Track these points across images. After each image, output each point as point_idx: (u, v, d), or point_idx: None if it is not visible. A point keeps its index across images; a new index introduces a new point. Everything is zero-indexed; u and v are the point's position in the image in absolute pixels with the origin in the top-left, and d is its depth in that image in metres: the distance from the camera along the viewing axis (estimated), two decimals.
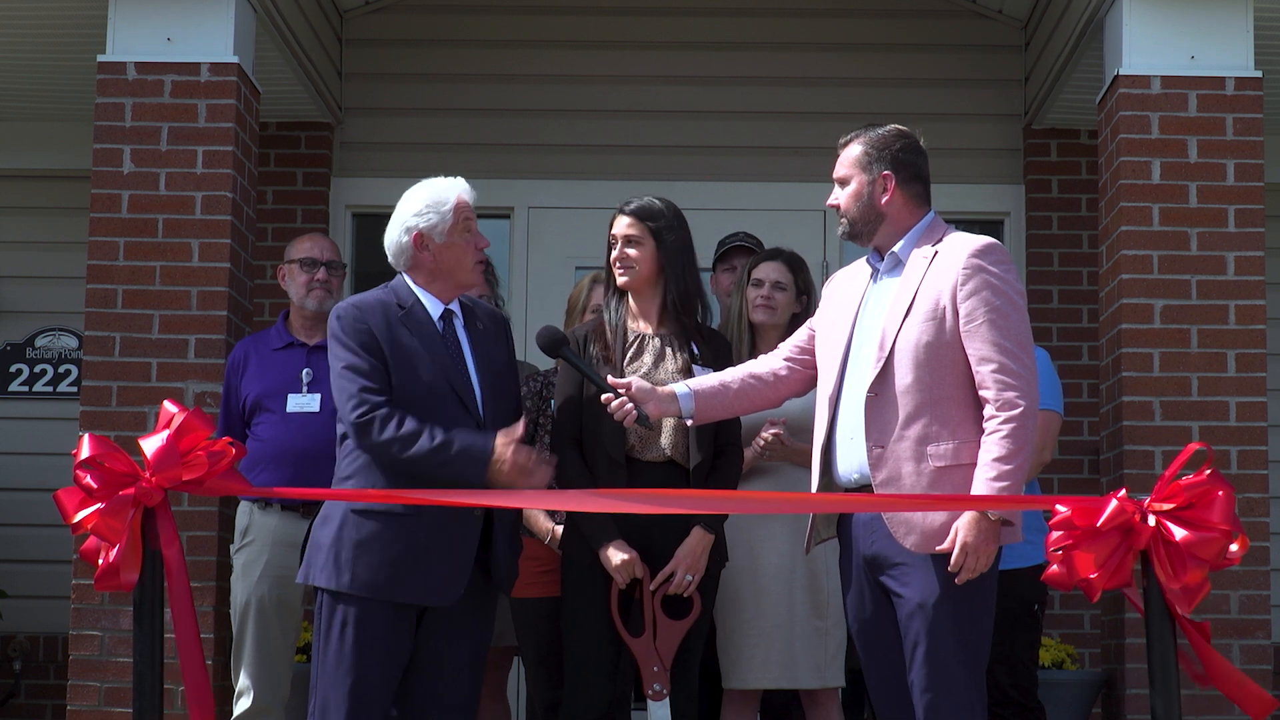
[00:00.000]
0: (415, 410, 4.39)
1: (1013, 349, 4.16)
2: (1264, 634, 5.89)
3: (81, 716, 5.85)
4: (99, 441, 4.15)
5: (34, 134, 7.75)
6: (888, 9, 7.72)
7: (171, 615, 4.18)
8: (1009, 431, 4.11)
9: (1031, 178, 7.62)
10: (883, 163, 4.36)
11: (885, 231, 4.37)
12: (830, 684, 5.27)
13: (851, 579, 4.36)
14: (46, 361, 7.82)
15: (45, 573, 7.36)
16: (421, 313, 4.54)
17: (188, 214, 6.03)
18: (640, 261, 4.95)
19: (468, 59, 7.70)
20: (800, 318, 5.46)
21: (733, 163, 7.62)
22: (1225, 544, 4.01)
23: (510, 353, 4.72)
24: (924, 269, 4.28)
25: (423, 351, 4.47)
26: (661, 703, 4.76)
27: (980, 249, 4.25)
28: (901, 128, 4.45)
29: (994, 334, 4.17)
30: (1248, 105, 6.08)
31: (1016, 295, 4.24)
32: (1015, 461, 4.09)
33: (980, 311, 4.19)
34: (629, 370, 4.89)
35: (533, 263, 7.62)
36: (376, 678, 4.34)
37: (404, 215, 4.58)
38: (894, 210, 4.36)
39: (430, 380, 4.44)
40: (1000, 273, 4.22)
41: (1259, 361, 6.02)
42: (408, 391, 4.42)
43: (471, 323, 4.63)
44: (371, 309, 4.51)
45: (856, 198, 4.38)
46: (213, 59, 6.09)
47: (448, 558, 4.39)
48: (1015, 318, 4.20)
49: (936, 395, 4.18)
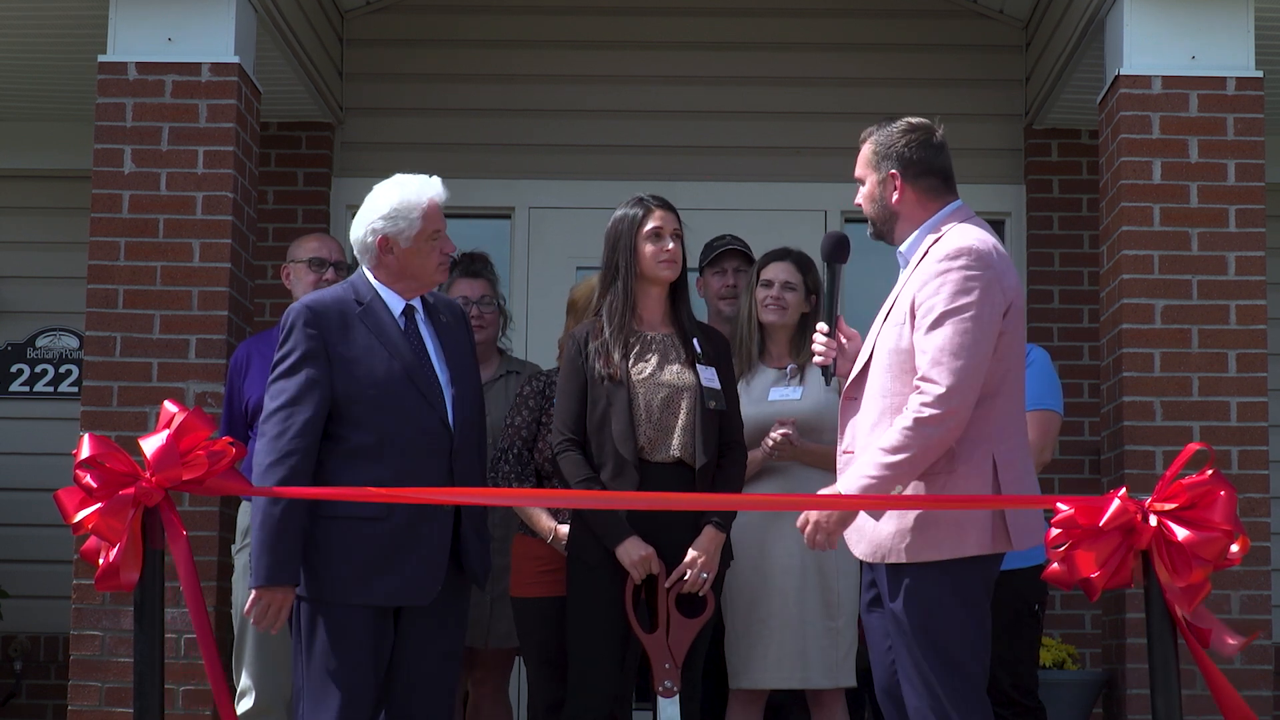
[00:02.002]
0: (373, 408, 4.37)
1: (948, 354, 4.04)
2: (1264, 634, 5.89)
3: (82, 716, 5.85)
4: (99, 441, 4.15)
5: (34, 134, 7.75)
6: (888, 9, 7.72)
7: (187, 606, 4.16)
8: (907, 429, 4.04)
9: (1032, 178, 7.62)
10: (889, 161, 4.29)
11: (902, 229, 4.32)
12: (841, 684, 5.28)
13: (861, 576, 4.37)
14: (47, 361, 7.82)
15: (45, 573, 7.36)
16: (381, 309, 4.50)
17: (188, 214, 6.03)
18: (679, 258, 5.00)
19: (468, 59, 7.70)
20: (810, 317, 5.47)
21: (733, 163, 7.62)
22: (1226, 544, 4.00)
23: (471, 344, 4.69)
24: (910, 271, 4.25)
25: (380, 348, 4.43)
26: (671, 699, 4.76)
27: (949, 253, 4.13)
28: (913, 120, 4.35)
29: (936, 338, 4.07)
30: (1248, 105, 6.08)
31: (974, 302, 4.07)
32: (898, 457, 4.03)
33: (930, 317, 4.09)
34: (634, 370, 4.89)
35: (533, 263, 7.62)
36: (361, 682, 4.32)
37: (370, 216, 4.52)
38: (907, 208, 4.30)
39: (388, 377, 4.40)
40: (961, 278, 4.09)
41: (1260, 361, 6.01)
42: (359, 394, 4.38)
43: (434, 316, 4.60)
44: (328, 308, 4.47)
45: (870, 199, 4.34)
46: (213, 59, 6.09)
47: (421, 557, 4.37)
48: (960, 324, 4.05)
49: (895, 403, 4.14)
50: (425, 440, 4.40)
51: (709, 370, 4.91)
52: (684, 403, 4.86)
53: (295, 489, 4.30)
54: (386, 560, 4.34)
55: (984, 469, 4.13)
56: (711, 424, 4.85)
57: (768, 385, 5.39)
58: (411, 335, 4.51)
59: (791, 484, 5.29)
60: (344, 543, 4.33)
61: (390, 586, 4.34)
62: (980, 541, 4.11)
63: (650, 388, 4.88)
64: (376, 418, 4.38)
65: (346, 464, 4.38)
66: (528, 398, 5.42)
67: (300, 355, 4.39)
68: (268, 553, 4.28)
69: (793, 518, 5.22)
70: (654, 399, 4.87)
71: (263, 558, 4.29)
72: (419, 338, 4.53)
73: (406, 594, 4.37)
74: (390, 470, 4.34)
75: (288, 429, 4.33)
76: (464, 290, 5.84)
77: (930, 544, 4.11)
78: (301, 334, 4.41)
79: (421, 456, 4.39)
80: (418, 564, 4.37)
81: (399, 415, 4.38)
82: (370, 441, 4.37)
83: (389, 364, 4.42)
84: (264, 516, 4.29)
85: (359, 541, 4.33)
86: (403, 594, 4.37)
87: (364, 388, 4.39)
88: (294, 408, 4.35)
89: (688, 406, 4.86)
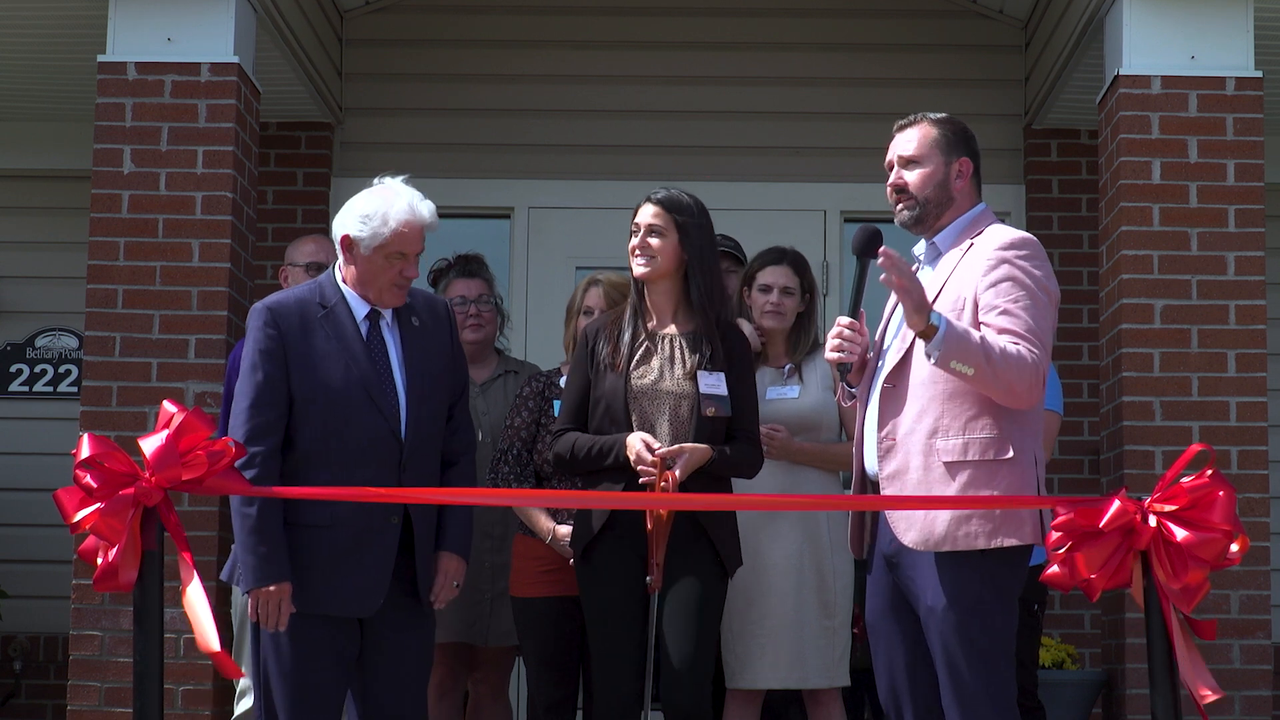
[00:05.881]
0: (323, 412, 4.37)
1: (1029, 334, 4.06)
2: (1264, 634, 5.89)
3: (82, 716, 5.85)
4: (99, 441, 4.15)
5: (34, 134, 7.75)
6: (888, 9, 7.72)
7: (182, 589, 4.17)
8: (1021, 354, 4.02)
9: (1032, 178, 7.62)
10: (961, 147, 4.31)
11: (947, 217, 4.31)
12: (837, 683, 5.28)
13: (873, 570, 4.32)
14: (47, 361, 7.82)
15: (45, 573, 7.36)
16: (344, 313, 4.47)
17: (188, 214, 6.03)
18: (660, 252, 4.91)
19: (468, 59, 7.70)
20: (805, 316, 5.47)
21: (733, 163, 7.62)
22: (1226, 545, 4.00)
23: (450, 344, 4.62)
24: (956, 261, 4.23)
25: (337, 354, 4.41)
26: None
27: (1009, 243, 4.18)
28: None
29: (1009, 321, 4.08)
30: (1248, 105, 6.08)
31: (1042, 291, 4.14)
32: (1006, 360, 3.99)
33: (1001, 301, 4.11)
34: (635, 375, 4.88)
35: (533, 263, 7.62)
36: (318, 686, 4.34)
37: (348, 211, 4.49)
38: (961, 197, 4.31)
39: (342, 384, 4.39)
40: (1028, 266, 4.14)
41: (1259, 361, 6.01)
42: (314, 396, 4.38)
43: (405, 321, 4.54)
44: (289, 309, 4.46)
45: (931, 181, 4.29)
46: (213, 59, 6.09)
47: (363, 569, 4.37)
48: (1035, 310, 4.10)
49: (949, 389, 4.13)
50: (372, 449, 4.40)
51: (713, 376, 4.86)
52: (680, 411, 4.85)
53: (297, 489, 4.32)
54: (331, 569, 4.35)
55: (1030, 462, 4.16)
56: (706, 431, 4.83)
57: (765, 385, 5.39)
58: (373, 342, 4.48)
59: (787, 483, 5.29)
60: (292, 549, 4.35)
61: (330, 596, 4.35)
62: (1035, 531, 4.13)
63: (649, 395, 4.87)
64: (325, 422, 4.38)
65: (298, 465, 4.40)
66: (527, 399, 5.42)
67: (257, 354, 4.41)
68: (250, 554, 4.31)
69: (788, 518, 5.24)
70: (649, 406, 4.86)
71: (247, 559, 4.32)
72: (381, 344, 4.49)
73: (347, 605, 4.38)
74: (334, 476, 4.35)
75: (253, 431, 4.35)
76: (461, 290, 5.84)
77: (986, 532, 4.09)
78: (261, 334, 4.42)
79: (367, 465, 4.38)
80: (360, 576, 4.37)
81: (346, 422, 4.38)
82: (317, 445, 4.39)
83: (345, 370, 4.40)
84: (240, 518, 4.33)
85: (303, 548, 4.36)
86: (344, 604, 4.37)
87: (317, 391, 4.39)
88: (256, 408, 4.37)
89: (684, 415, 4.85)
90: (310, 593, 4.34)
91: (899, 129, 4.38)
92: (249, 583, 4.31)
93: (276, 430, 4.37)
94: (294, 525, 4.36)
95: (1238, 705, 5.83)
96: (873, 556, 4.36)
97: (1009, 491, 4.11)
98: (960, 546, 4.09)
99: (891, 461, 4.19)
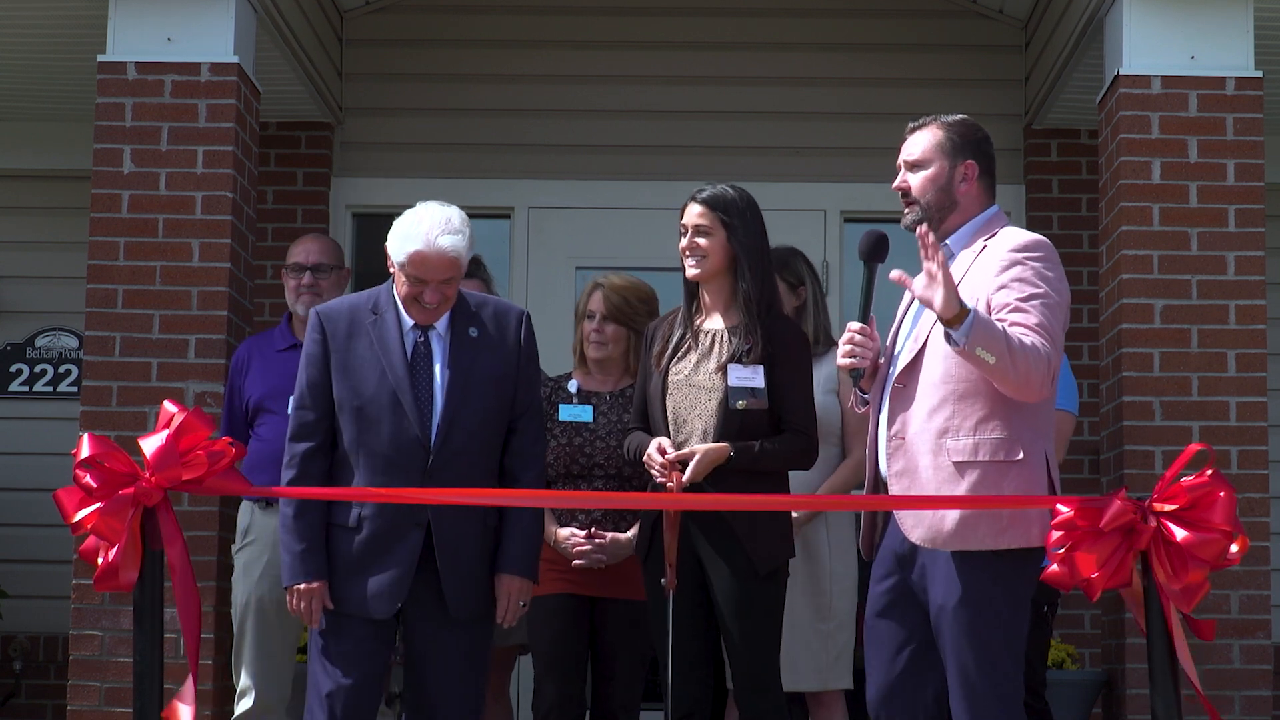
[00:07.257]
0: (357, 415, 4.48)
1: (1040, 329, 4.06)
2: (1264, 634, 5.89)
3: (82, 716, 5.85)
4: (99, 441, 4.15)
5: (34, 134, 7.75)
6: (888, 9, 7.72)
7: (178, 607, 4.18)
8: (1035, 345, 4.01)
9: (1032, 178, 7.62)
10: (967, 150, 4.30)
11: (954, 220, 4.31)
12: (833, 686, 5.27)
13: (876, 571, 4.31)
14: (47, 361, 7.82)
15: (45, 573, 7.36)
16: (391, 321, 4.56)
17: (188, 214, 6.03)
18: (710, 252, 4.89)
19: (468, 59, 7.70)
20: (800, 310, 5.45)
21: (733, 163, 7.61)
22: (1226, 545, 4.00)
23: (517, 355, 4.64)
24: (970, 262, 4.23)
25: (376, 361, 4.51)
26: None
27: (1023, 245, 4.18)
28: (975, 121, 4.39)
29: (1021, 317, 4.07)
30: (1248, 105, 6.08)
31: (1054, 291, 4.14)
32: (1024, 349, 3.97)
33: (1013, 299, 4.10)
34: (672, 370, 4.90)
35: (533, 263, 7.62)
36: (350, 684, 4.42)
37: (394, 226, 4.58)
38: (967, 200, 4.30)
39: (374, 390, 4.49)
40: (1041, 268, 4.15)
41: (1259, 361, 6.01)
42: (349, 400, 4.51)
43: (460, 331, 4.58)
44: (339, 315, 4.59)
45: (934, 182, 4.29)
46: (213, 59, 6.09)
47: (383, 572, 4.44)
48: (1047, 309, 4.10)
49: (961, 390, 4.12)
50: (397, 455, 4.46)
51: (748, 369, 4.81)
52: (709, 404, 4.83)
53: (297, 489, 4.36)
54: (355, 569, 4.46)
55: (1041, 463, 4.15)
56: (734, 425, 4.80)
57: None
58: (418, 350, 4.54)
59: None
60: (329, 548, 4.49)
61: (350, 596, 4.46)
62: (1042, 533, 4.10)
63: (682, 390, 4.87)
64: (357, 426, 4.49)
65: (338, 467, 4.54)
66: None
67: (305, 357, 4.58)
68: (287, 551, 4.47)
69: None
70: (682, 401, 4.86)
71: (284, 556, 4.49)
72: (427, 353, 4.55)
73: (365, 606, 4.45)
74: (362, 479, 4.48)
75: (296, 430, 4.54)
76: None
77: (993, 533, 4.07)
78: (309, 338, 4.60)
79: (392, 471, 4.45)
80: (379, 579, 4.44)
81: (377, 427, 4.46)
82: (351, 448, 4.50)
83: (379, 377, 4.49)
84: (282, 517, 4.51)
85: (335, 548, 4.48)
86: (359, 605, 4.46)
87: (353, 396, 4.49)
88: (301, 410, 4.55)
89: (712, 409, 4.83)
90: (337, 592, 4.47)
91: (909, 131, 4.38)
92: (285, 579, 4.49)
93: (317, 431, 4.52)
94: (330, 525, 4.49)
95: (1238, 705, 5.83)
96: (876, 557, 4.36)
97: (1018, 493, 4.10)
98: (970, 546, 4.08)
99: (900, 459, 4.18)
